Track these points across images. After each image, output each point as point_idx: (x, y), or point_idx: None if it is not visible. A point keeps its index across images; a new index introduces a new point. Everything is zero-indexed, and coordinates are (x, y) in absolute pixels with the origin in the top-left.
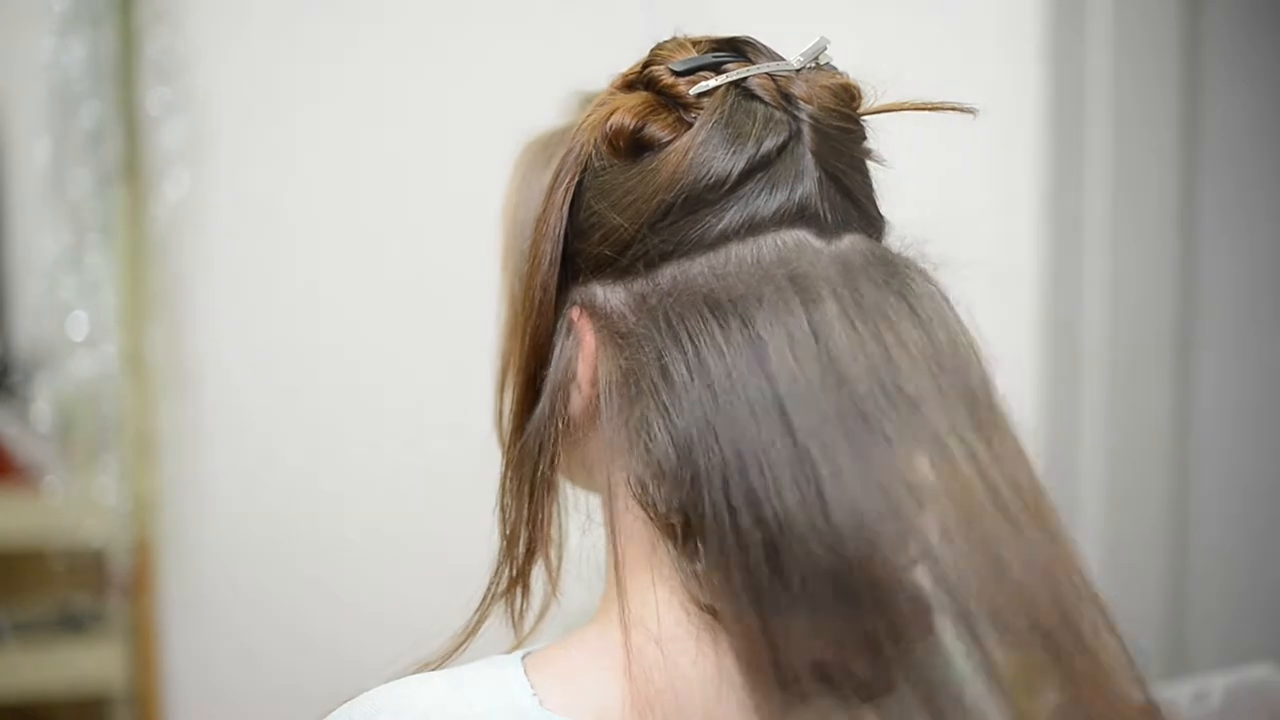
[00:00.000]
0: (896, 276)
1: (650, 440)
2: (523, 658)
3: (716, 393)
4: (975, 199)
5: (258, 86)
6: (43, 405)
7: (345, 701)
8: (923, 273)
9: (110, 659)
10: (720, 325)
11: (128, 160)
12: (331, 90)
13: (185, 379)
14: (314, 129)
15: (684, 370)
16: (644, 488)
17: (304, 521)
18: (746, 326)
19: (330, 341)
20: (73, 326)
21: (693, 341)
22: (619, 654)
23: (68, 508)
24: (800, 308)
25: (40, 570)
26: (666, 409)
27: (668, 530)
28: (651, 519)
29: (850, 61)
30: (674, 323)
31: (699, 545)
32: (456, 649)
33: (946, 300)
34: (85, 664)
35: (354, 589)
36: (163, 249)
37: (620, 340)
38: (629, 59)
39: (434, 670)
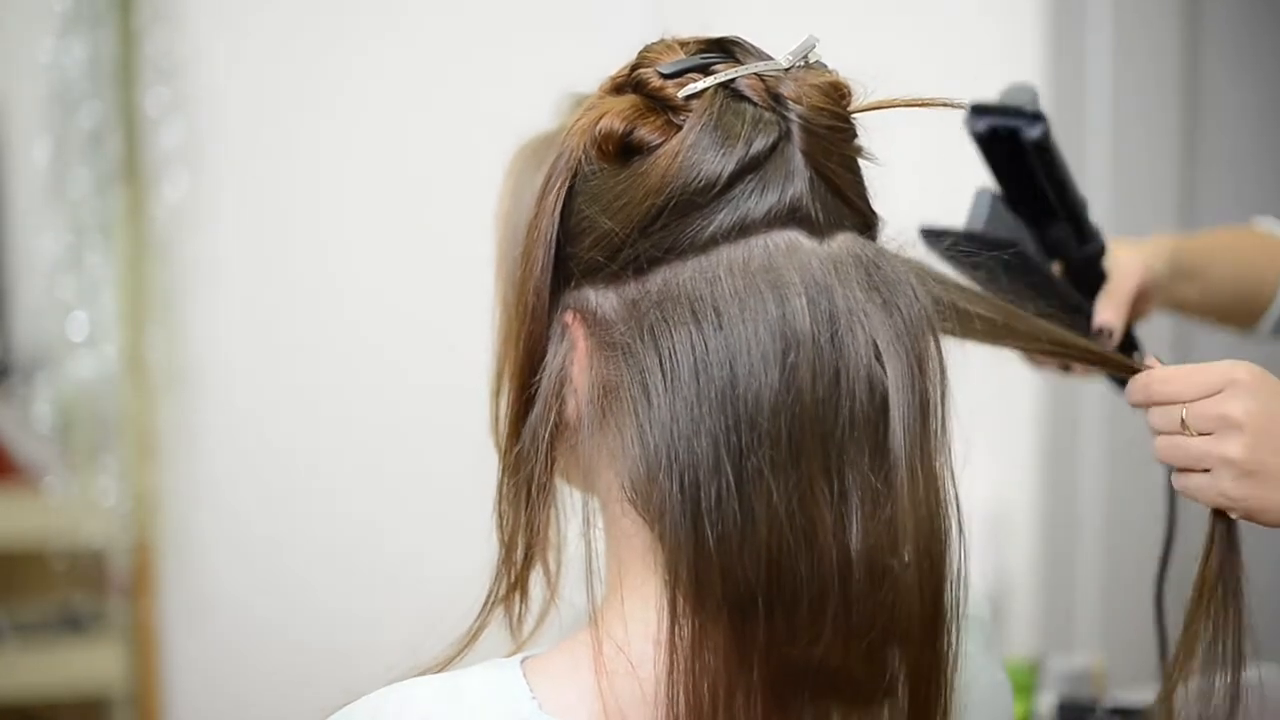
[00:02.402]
0: (886, 281)
1: (628, 452)
2: (522, 661)
3: (685, 409)
4: None
5: (257, 87)
6: (43, 405)
7: (345, 704)
8: (909, 280)
9: (110, 659)
10: (701, 335)
11: (128, 160)
12: (330, 91)
13: (185, 379)
14: (313, 129)
15: (660, 386)
16: (636, 493)
17: (304, 522)
18: (725, 337)
19: (330, 342)
20: (73, 327)
21: (672, 356)
22: (620, 656)
23: (68, 508)
24: (778, 319)
25: (40, 570)
26: (642, 425)
27: (660, 534)
28: (645, 523)
29: (847, 61)
30: (658, 334)
31: (678, 553)
32: (457, 655)
33: (926, 310)
34: (85, 664)
35: (354, 590)
36: (163, 249)
37: (608, 351)
38: (622, 61)
39: (434, 674)
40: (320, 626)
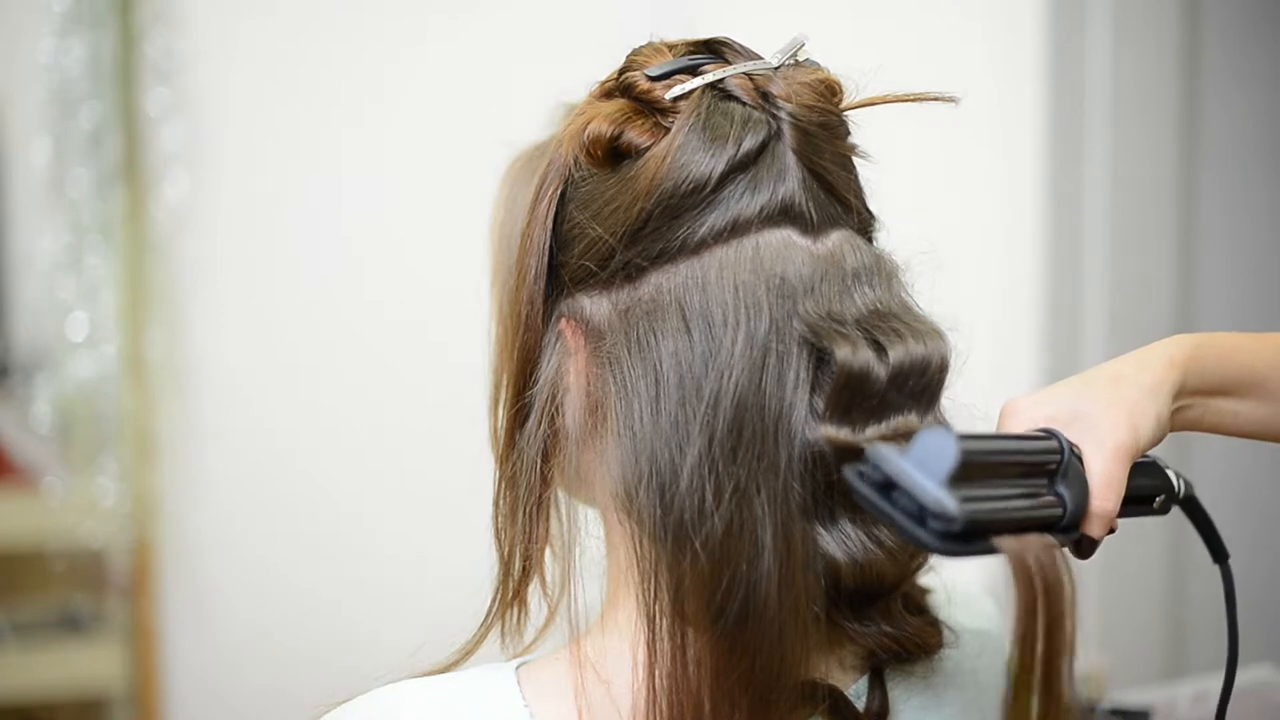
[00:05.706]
0: (882, 279)
1: (616, 463)
2: (517, 667)
3: (668, 422)
4: (975, 199)
5: (256, 88)
6: (43, 405)
7: (339, 704)
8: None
9: (110, 659)
10: (689, 344)
11: (127, 161)
12: (329, 92)
13: (185, 379)
14: (312, 130)
15: (644, 397)
16: (620, 504)
17: (303, 522)
18: (714, 345)
19: (330, 341)
20: (73, 327)
21: (658, 368)
22: (615, 663)
23: (68, 508)
24: (768, 319)
25: (40, 570)
26: (625, 436)
27: (642, 546)
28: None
29: (844, 62)
30: (644, 346)
31: (659, 564)
32: (455, 665)
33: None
34: (85, 664)
35: (353, 590)
36: (162, 249)
37: (600, 359)
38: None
39: (430, 677)
40: (320, 626)
